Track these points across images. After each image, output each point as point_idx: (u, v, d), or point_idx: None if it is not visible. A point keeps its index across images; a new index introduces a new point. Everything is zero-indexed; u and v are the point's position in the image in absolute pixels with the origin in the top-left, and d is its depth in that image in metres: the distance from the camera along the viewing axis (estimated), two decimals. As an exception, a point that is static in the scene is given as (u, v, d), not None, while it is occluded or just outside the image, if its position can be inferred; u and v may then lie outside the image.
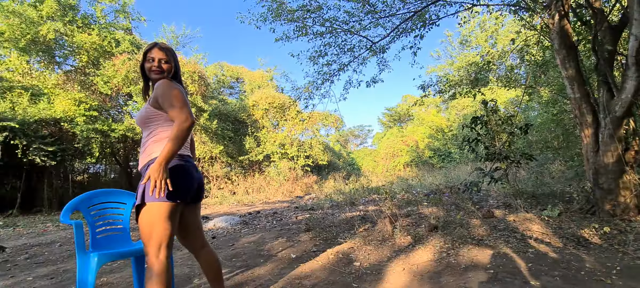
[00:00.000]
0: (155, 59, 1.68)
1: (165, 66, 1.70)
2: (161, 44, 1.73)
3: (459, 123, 18.95)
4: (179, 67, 1.80)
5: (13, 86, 9.54)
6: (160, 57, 1.69)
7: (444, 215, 4.43)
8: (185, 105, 1.56)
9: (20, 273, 3.15)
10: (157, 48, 1.70)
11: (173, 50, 1.82)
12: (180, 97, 1.56)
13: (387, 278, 2.41)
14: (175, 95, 1.56)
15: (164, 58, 1.70)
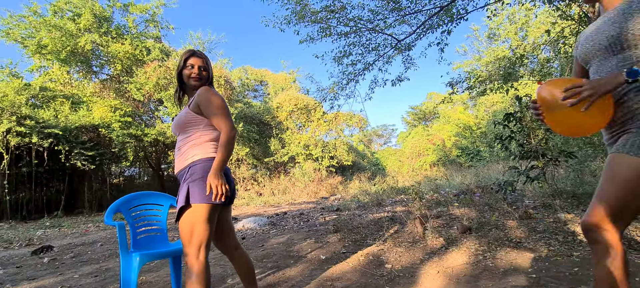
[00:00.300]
0: (195, 66, 1.73)
1: (204, 73, 1.76)
2: (199, 52, 1.79)
3: (488, 120, 18.27)
4: (213, 74, 1.86)
5: (56, 95, 10.22)
6: (199, 64, 1.74)
7: (476, 216, 4.27)
8: (229, 114, 1.66)
9: (67, 271, 3.35)
10: (195, 56, 1.76)
11: (207, 57, 1.87)
12: (224, 106, 1.65)
13: (421, 281, 2.35)
14: (219, 104, 1.64)
15: (203, 65, 1.76)
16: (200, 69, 1.74)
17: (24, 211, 9.27)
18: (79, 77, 12.83)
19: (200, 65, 1.74)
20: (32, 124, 8.22)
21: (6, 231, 6.81)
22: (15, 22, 10.71)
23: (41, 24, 10.54)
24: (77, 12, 11.14)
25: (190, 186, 1.57)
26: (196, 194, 1.54)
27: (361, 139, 21.61)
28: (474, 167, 15.30)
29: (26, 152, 8.86)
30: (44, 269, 3.47)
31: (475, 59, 17.52)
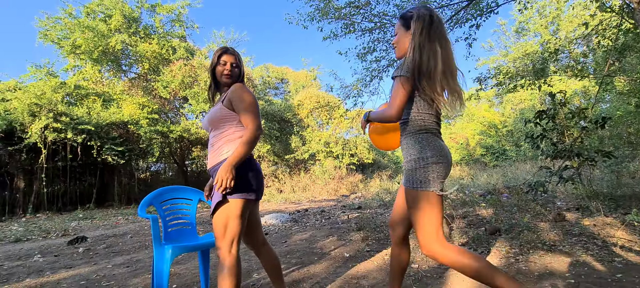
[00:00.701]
0: (228, 63, 1.76)
1: (236, 70, 1.78)
2: (231, 49, 1.81)
3: (514, 118, 17.59)
4: (244, 71, 1.88)
5: (88, 93, 10.70)
6: (231, 61, 1.77)
7: (505, 217, 4.12)
8: (259, 114, 1.67)
9: (101, 260, 3.50)
10: (228, 53, 1.78)
11: (238, 52, 1.89)
12: (255, 104, 1.67)
13: (450, 283, 2.29)
14: (250, 101, 1.66)
15: (235, 62, 1.78)
16: (232, 66, 1.76)
17: (60, 203, 9.79)
18: (109, 76, 13.38)
19: (232, 62, 1.76)
20: (67, 120, 8.65)
21: (44, 222, 7.22)
22: (52, 24, 11.29)
23: (75, 25, 11.06)
24: (108, 13, 11.61)
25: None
26: (235, 190, 1.57)
27: (381, 137, 21.35)
28: (499, 167, 14.79)
29: (62, 147, 9.33)
30: (80, 258, 3.65)
31: (502, 55, 16.89)
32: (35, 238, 5.15)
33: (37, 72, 10.79)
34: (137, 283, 2.63)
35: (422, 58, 1.40)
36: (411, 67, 1.41)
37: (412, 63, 1.41)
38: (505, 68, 8.25)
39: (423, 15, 1.46)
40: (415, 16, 1.48)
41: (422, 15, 1.46)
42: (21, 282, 2.77)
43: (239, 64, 1.81)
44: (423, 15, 1.46)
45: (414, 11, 1.50)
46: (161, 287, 1.94)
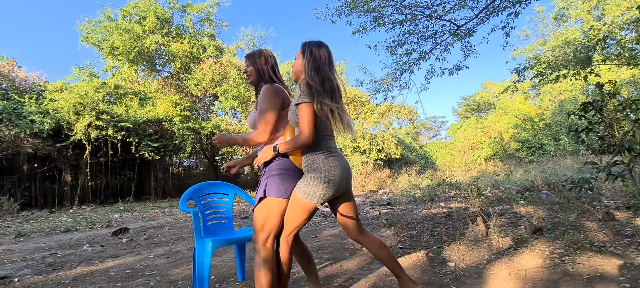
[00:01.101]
0: (243, 69, 1.88)
1: (249, 73, 1.85)
2: (247, 54, 1.88)
3: (553, 110, 16.60)
4: (269, 65, 1.84)
5: (126, 92, 11.28)
6: (244, 66, 1.87)
7: (546, 215, 3.91)
8: (269, 124, 1.68)
9: (143, 251, 3.70)
10: (244, 58, 1.88)
11: (255, 53, 1.88)
12: (268, 116, 1.68)
13: (490, 283, 2.21)
14: (265, 112, 1.68)
15: (246, 65, 1.86)
16: (246, 70, 1.86)
17: (102, 196, 10.45)
18: (144, 75, 14.04)
19: (244, 66, 1.87)
20: (108, 118, 9.18)
21: (89, 213, 7.74)
22: (92, 27, 11.99)
23: (113, 28, 11.68)
24: (142, 15, 12.15)
25: (268, 181, 1.67)
26: (273, 189, 1.65)
27: (409, 132, 20.94)
28: (536, 162, 14.05)
29: (103, 144, 9.94)
30: (124, 248, 3.87)
31: (540, 44, 15.93)
32: (82, 228, 5.53)
33: (80, 73, 11.52)
34: (177, 274, 2.75)
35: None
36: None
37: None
38: (544, 57, 7.78)
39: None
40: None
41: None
42: (74, 270, 2.98)
43: (249, 64, 1.84)
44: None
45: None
46: (203, 278, 2.02)
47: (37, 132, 8.63)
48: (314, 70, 1.60)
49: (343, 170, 1.65)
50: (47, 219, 6.84)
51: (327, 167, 1.60)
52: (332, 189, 1.61)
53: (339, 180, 1.62)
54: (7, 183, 9.00)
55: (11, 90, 9.34)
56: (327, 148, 1.65)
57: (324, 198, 1.60)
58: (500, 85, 22.78)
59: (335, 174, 1.61)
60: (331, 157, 1.63)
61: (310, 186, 1.58)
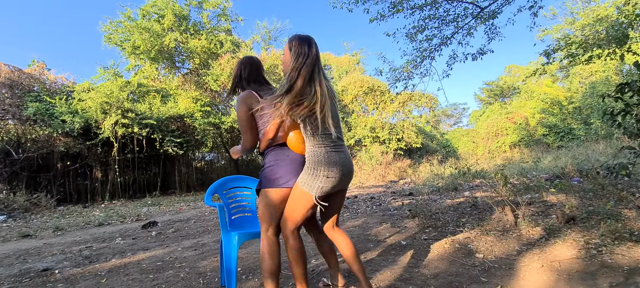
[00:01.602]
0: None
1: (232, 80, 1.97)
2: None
3: (583, 93, 15.76)
4: (240, 73, 1.90)
5: (149, 90, 11.59)
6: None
7: (579, 203, 3.74)
8: (246, 131, 1.77)
9: (171, 243, 3.83)
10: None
11: (240, 60, 1.97)
12: (242, 125, 1.77)
13: (522, 275, 2.14)
14: (239, 122, 1.78)
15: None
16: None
17: (131, 191, 10.89)
18: (165, 73, 14.37)
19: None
20: (133, 116, 9.49)
21: (120, 208, 8.08)
22: (114, 27, 12.34)
23: (134, 28, 11.97)
24: (161, 13, 12.38)
25: (262, 173, 1.77)
26: (267, 180, 1.73)
27: (429, 120, 20.50)
28: (564, 148, 13.44)
29: (129, 141, 10.30)
30: (153, 241, 4.02)
31: (568, 23, 15.06)
32: (114, 222, 5.78)
33: (105, 73, 11.91)
34: (205, 266, 2.83)
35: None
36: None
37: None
38: (574, 37, 7.34)
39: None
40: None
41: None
42: (109, 262, 3.13)
43: (233, 72, 1.94)
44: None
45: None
46: (230, 269, 2.06)
47: (68, 131, 9.05)
48: (295, 69, 1.57)
49: (344, 166, 1.65)
50: (81, 214, 7.21)
51: (328, 160, 1.59)
52: (331, 182, 1.60)
53: (339, 175, 1.62)
54: (44, 180, 9.52)
55: (42, 92, 9.80)
56: (330, 141, 1.63)
57: (322, 191, 1.60)
58: (526, 69, 21.84)
59: (335, 169, 1.60)
60: (333, 151, 1.63)
61: (310, 176, 1.60)
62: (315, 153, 1.61)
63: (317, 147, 1.61)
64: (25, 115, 8.83)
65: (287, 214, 1.67)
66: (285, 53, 1.68)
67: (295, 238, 1.69)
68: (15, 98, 9.33)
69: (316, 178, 1.59)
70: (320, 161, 1.59)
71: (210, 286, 2.34)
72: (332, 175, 1.60)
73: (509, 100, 23.95)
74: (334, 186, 1.62)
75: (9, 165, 8.77)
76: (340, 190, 1.73)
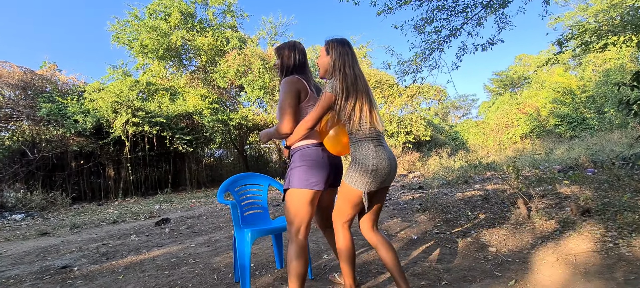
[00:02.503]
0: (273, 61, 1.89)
1: (277, 64, 1.90)
2: (276, 46, 1.92)
3: (597, 81, 15.39)
4: (292, 60, 1.84)
5: (157, 89, 11.71)
6: (275, 61, 1.92)
7: (593, 195, 3.68)
8: (286, 114, 1.69)
9: (184, 240, 3.89)
10: (274, 50, 1.92)
11: (282, 46, 1.89)
12: (283, 107, 1.70)
13: (536, 269, 2.12)
14: (280, 103, 1.72)
15: (276, 58, 1.91)
16: (275, 64, 1.93)
17: (143, 188, 11.07)
18: (173, 71, 14.48)
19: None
20: (143, 114, 9.61)
21: (133, 205, 8.23)
22: (122, 27, 12.46)
23: (141, 27, 12.07)
24: (167, 12, 12.44)
25: (290, 173, 1.72)
26: (295, 180, 1.69)
27: (437, 112, 20.28)
28: (577, 138, 13.19)
29: (140, 139, 10.45)
30: (167, 238, 4.09)
31: (580, 10, 14.68)
32: (128, 220, 5.90)
33: (114, 72, 12.07)
34: (219, 262, 2.87)
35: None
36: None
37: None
38: (587, 24, 7.14)
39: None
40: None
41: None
42: (125, 259, 3.20)
43: (277, 55, 1.88)
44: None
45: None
46: (244, 266, 2.08)
47: (81, 130, 9.21)
48: (341, 68, 1.64)
49: (390, 162, 1.66)
50: (96, 212, 7.36)
51: (376, 156, 1.61)
52: (379, 178, 1.62)
53: (387, 171, 1.64)
54: (59, 179, 9.74)
55: (54, 93, 9.98)
56: (376, 137, 1.66)
57: (371, 186, 1.61)
58: (536, 58, 21.40)
59: (383, 164, 1.61)
60: (380, 147, 1.65)
61: (358, 172, 1.61)
62: (364, 148, 1.63)
63: (366, 143, 1.63)
64: (38, 116, 9.01)
65: (336, 211, 1.74)
66: (322, 55, 1.75)
67: (345, 235, 1.73)
68: (28, 99, 9.52)
69: (364, 174, 1.60)
70: (368, 156, 1.61)
71: (224, 282, 2.38)
72: (380, 169, 1.61)
73: (519, 91, 23.54)
74: (383, 182, 1.65)
75: (25, 165, 8.99)
76: (383, 187, 1.72)
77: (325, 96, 1.62)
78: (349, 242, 1.73)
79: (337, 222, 1.74)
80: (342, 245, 1.72)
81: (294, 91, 1.70)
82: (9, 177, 8.69)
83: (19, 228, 5.61)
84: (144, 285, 2.43)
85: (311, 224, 1.79)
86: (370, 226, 1.77)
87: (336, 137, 1.70)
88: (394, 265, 1.68)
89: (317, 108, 1.63)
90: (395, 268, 1.68)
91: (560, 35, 4.94)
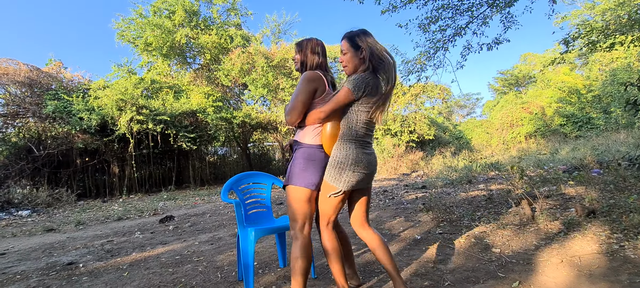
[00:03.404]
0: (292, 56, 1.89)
1: (296, 58, 1.90)
2: (296, 41, 1.91)
3: (603, 81, 15.24)
4: (316, 55, 1.86)
5: (162, 86, 11.76)
6: (294, 55, 1.92)
7: (599, 196, 3.65)
8: (297, 105, 1.70)
9: (188, 237, 3.91)
10: (294, 45, 1.94)
11: (303, 42, 1.90)
12: (296, 100, 1.71)
13: (541, 270, 2.11)
14: (295, 94, 1.72)
15: (295, 52, 1.91)
16: (294, 58, 1.92)
17: (147, 185, 11.14)
18: (177, 69, 14.53)
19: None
20: (147, 112, 9.66)
21: (137, 202, 8.29)
22: (126, 25, 12.51)
23: (146, 25, 12.12)
24: (171, 10, 12.47)
25: (291, 169, 1.75)
26: (294, 177, 1.71)
27: (441, 111, 20.19)
28: (583, 138, 13.08)
29: (144, 136, 10.51)
30: (171, 235, 4.12)
31: (587, 8, 14.52)
32: (132, 217, 5.94)
33: (119, 70, 12.13)
34: (222, 260, 2.89)
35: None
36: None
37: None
38: (594, 22, 7.06)
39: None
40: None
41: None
42: (129, 256, 3.22)
43: (297, 51, 1.89)
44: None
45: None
46: (247, 264, 2.09)
47: (86, 128, 9.28)
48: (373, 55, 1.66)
49: (370, 163, 1.69)
50: (101, 208, 7.43)
51: (356, 155, 1.64)
52: (358, 176, 1.64)
53: (366, 171, 1.67)
54: (64, 176, 9.83)
55: (60, 90, 10.05)
56: (361, 140, 1.68)
57: (349, 184, 1.63)
58: (542, 57, 21.23)
59: (363, 163, 1.65)
60: (361, 149, 1.67)
61: (337, 169, 1.63)
62: (346, 148, 1.66)
63: (349, 144, 1.66)
64: (44, 113, 9.09)
65: (320, 211, 1.73)
66: (348, 50, 1.70)
67: (329, 236, 1.72)
68: (34, 96, 9.61)
69: (344, 171, 1.63)
70: (348, 155, 1.65)
71: (228, 280, 2.39)
72: (358, 170, 1.65)
73: (524, 90, 23.38)
74: (360, 180, 1.67)
75: (31, 162, 9.08)
76: (366, 187, 1.76)
77: (344, 91, 1.62)
78: (335, 241, 1.72)
79: (321, 223, 1.74)
80: (328, 246, 1.71)
81: (311, 89, 1.72)
82: (16, 174, 8.78)
83: (25, 224, 5.68)
84: (149, 282, 2.45)
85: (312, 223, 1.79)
86: (361, 222, 1.79)
87: (331, 137, 1.72)
88: (386, 259, 1.69)
89: (333, 102, 1.64)
90: (388, 263, 1.69)
91: (566, 34, 4.89)
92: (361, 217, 1.80)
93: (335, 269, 1.71)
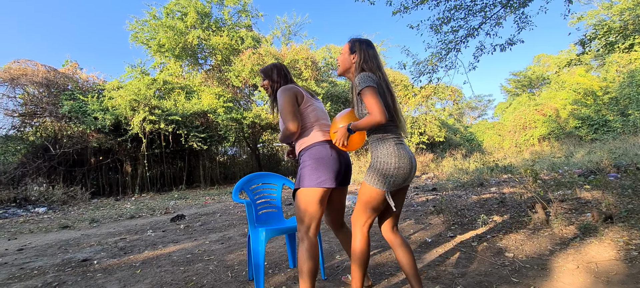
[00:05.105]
0: (260, 84, 2.05)
1: (264, 84, 2.00)
2: (261, 69, 2.04)
3: (620, 82, 14.84)
4: (281, 77, 1.97)
5: (173, 87, 11.93)
6: (261, 83, 2.02)
7: (616, 201, 3.55)
8: (290, 114, 1.74)
9: (199, 236, 3.96)
10: (260, 72, 2.05)
11: (267, 69, 2.01)
12: (285, 109, 1.75)
13: (556, 276, 2.06)
14: (283, 107, 1.76)
15: (262, 80, 2.02)
16: (262, 85, 2.02)
17: (158, 184, 11.31)
18: (189, 70, 14.74)
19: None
20: (159, 112, 9.82)
21: (149, 201, 8.42)
22: (140, 26, 12.75)
23: (159, 26, 12.32)
24: (184, 11, 12.66)
25: (301, 172, 1.74)
26: (305, 179, 1.71)
27: (452, 113, 19.96)
28: (599, 141, 12.76)
29: (157, 136, 10.68)
30: (182, 234, 4.17)
31: (605, 8, 14.17)
32: (144, 215, 6.04)
33: (132, 71, 12.36)
34: (232, 259, 2.91)
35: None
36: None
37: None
38: (611, 23, 6.88)
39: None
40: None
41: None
42: (142, 254, 3.28)
43: (264, 78, 2.00)
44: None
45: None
46: (258, 264, 2.10)
47: (100, 127, 9.49)
48: (365, 63, 1.69)
49: (410, 160, 1.64)
50: (114, 206, 7.57)
51: (398, 155, 1.59)
52: (401, 177, 1.60)
53: (409, 169, 1.62)
54: (79, 174, 10.06)
55: (76, 91, 10.31)
56: (396, 136, 1.65)
57: (393, 185, 1.59)
58: (556, 58, 20.80)
59: (404, 162, 1.60)
60: (400, 145, 1.63)
61: (379, 172, 1.58)
62: (386, 146, 1.61)
63: (387, 141, 1.63)
64: (61, 113, 9.33)
65: (356, 214, 1.69)
66: (345, 52, 1.78)
67: (363, 239, 1.67)
68: (51, 96, 9.87)
69: (387, 173, 1.57)
70: (391, 154, 1.59)
71: (238, 279, 2.41)
72: (402, 168, 1.59)
73: (537, 91, 22.93)
74: (404, 181, 1.62)
75: (48, 160, 9.33)
76: (403, 187, 1.72)
77: (370, 90, 1.55)
78: (366, 246, 1.68)
79: (356, 224, 1.69)
80: (358, 249, 1.67)
81: (291, 95, 1.78)
82: (33, 171, 9.03)
83: (42, 221, 5.83)
84: (161, 280, 2.49)
85: (321, 224, 1.79)
86: (391, 227, 1.75)
87: (353, 136, 1.71)
88: (410, 267, 1.66)
89: (376, 102, 1.52)
90: (411, 271, 1.66)
91: (582, 35, 4.77)
92: (394, 221, 1.75)
93: (356, 274, 1.67)
